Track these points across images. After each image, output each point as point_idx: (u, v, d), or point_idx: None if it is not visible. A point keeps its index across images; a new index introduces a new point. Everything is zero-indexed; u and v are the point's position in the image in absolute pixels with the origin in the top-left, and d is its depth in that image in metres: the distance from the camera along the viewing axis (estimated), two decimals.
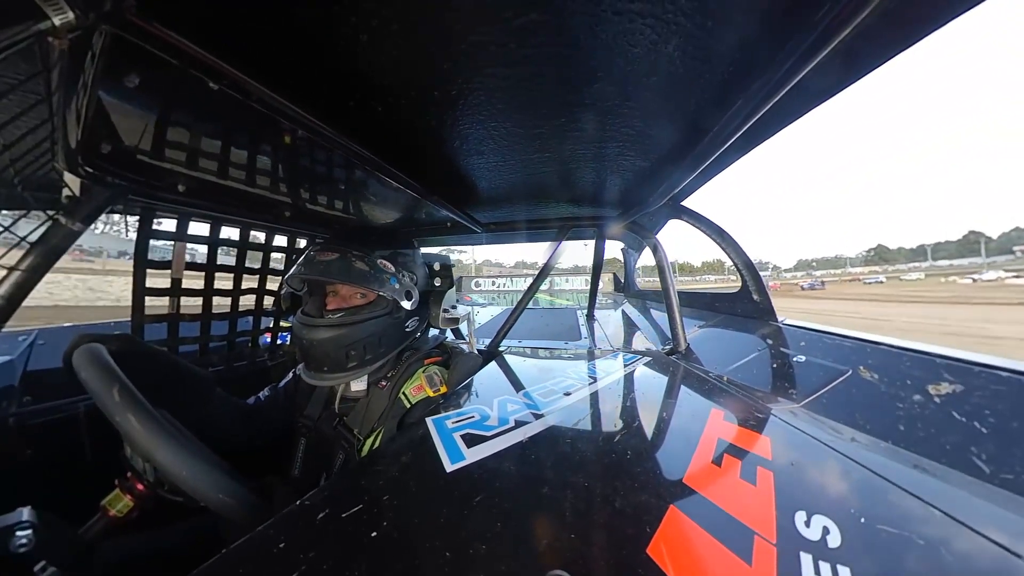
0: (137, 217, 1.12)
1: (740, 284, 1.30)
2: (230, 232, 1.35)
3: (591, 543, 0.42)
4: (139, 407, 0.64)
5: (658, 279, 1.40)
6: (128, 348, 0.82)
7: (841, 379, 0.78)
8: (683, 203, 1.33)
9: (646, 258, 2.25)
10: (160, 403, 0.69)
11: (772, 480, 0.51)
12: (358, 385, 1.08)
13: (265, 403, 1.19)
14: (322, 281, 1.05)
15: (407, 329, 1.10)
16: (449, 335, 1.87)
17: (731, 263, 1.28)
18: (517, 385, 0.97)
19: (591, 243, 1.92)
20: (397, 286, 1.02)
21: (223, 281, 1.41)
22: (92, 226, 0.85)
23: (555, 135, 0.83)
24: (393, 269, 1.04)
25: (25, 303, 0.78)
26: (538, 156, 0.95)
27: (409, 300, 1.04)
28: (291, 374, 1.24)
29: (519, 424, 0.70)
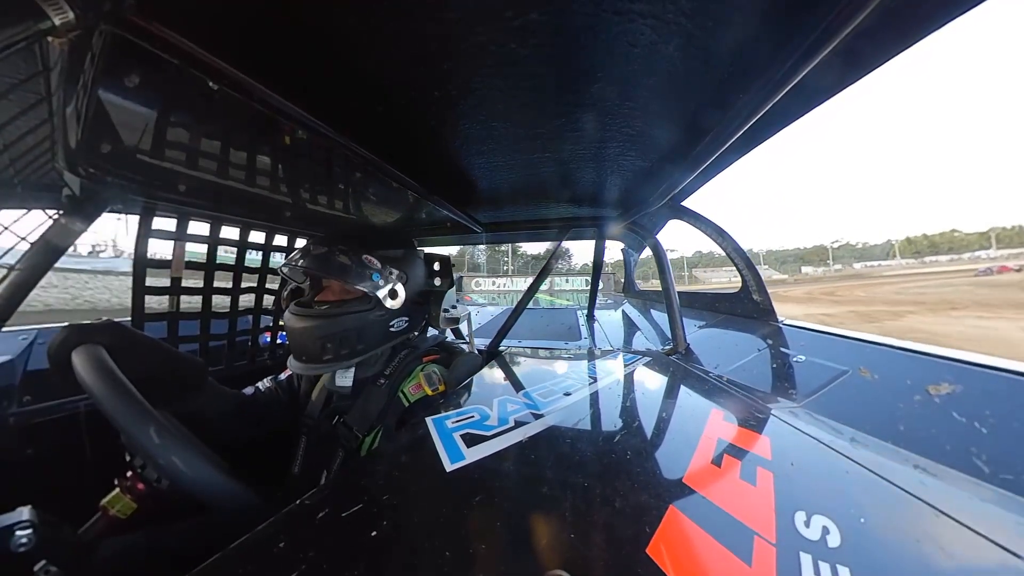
0: (137, 217, 1.12)
1: (740, 284, 1.31)
2: (230, 232, 1.35)
3: (590, 543, 0.42)
4: (138, 408, 0.64)
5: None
6: (120, 339, 0.81)
7: (841, 379, 0.78)
8: (683, 203, 1.33)
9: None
10: (153, 392, 0.68)
11: (772, 480, 0.51)
12: (343, 380, 1.08)
13: (264, 394, 1.19)
14: (305, 272, 1.06)
15: (391, 328, 1.08)
16: (449, 335, 1.87)
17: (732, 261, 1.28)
18: (517, 385, 0.97)
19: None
20: (380, 282, 1.01)
21: (223, 280, 1.41)
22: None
23: (555, 135, 0.83)
24: (379, 266, 1.03)
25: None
26: (538, 156, 0.95)
27: (393, 299, 1.03)
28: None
29: (519, 424, 0.70)
